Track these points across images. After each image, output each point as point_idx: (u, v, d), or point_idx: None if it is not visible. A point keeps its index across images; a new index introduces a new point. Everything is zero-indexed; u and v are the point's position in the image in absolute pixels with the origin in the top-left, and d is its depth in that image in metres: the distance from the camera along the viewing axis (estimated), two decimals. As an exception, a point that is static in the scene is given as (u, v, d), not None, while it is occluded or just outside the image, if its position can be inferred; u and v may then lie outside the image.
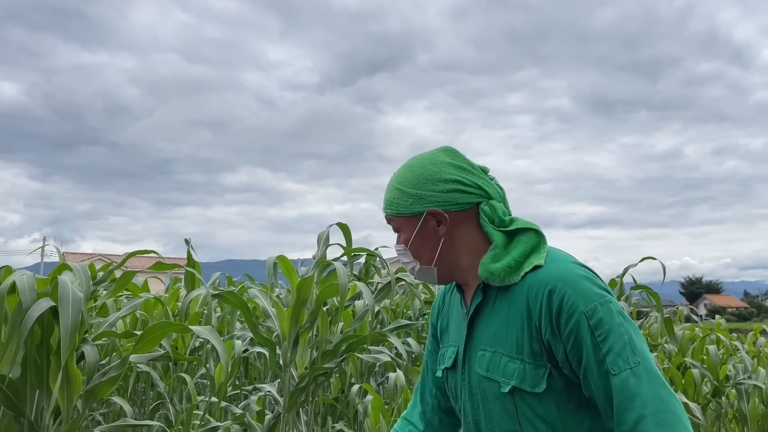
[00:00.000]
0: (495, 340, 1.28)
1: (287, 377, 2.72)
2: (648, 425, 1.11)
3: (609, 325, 1.15)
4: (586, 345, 1.16)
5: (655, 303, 4.28)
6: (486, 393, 1.29)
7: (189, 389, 3.43)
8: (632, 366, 1.13)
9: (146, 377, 3.95)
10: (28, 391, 1.95)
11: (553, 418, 1.23)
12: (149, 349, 2.02)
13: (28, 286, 1.76)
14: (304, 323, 2.70)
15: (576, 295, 1.18)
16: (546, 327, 1.20)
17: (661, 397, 1.13)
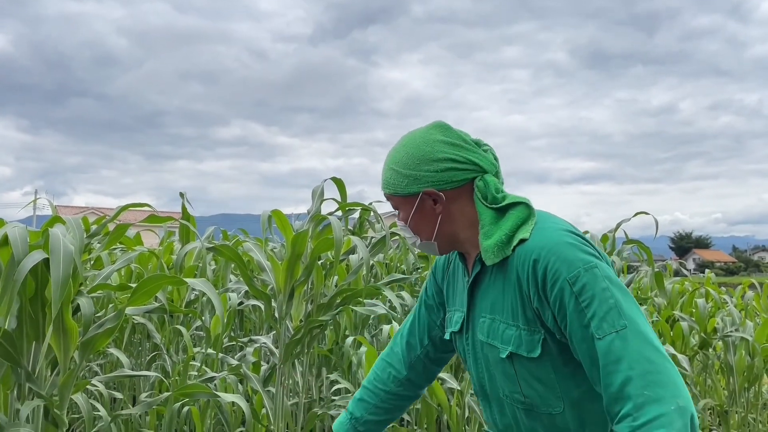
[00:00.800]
0: (493, 308, 1.32)
1: (283, 329, 2.74)
2: (635, 386, 1.11)
3: (593, 291, 1.16)
4: (570, 311, 1.18)
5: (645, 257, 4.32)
6: (488, 357, 1.35)
7: (185, 341, 3.47)
8: (618, 329, 1.14)
9: (142, 329, 3.99)
10: (24, 343, 1.96)
11: (550, 381, 1.27)
12: (144, 302, 2.02)
13: (20, 238, 1.75)
14: (299, 277, 2.71)
15: (559, 263, 1.20)
16: (534, 295, 1.23)
17: (649, 358, 1.13)
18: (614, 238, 3.93)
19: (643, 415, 1.10)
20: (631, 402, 1.11)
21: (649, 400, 1.10)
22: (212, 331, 2.93)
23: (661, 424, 1.09)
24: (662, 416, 1.09)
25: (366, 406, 1.59)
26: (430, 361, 1.59)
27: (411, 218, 1.39)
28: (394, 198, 1.41)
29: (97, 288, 2.13)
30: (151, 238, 6.11)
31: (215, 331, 2.96)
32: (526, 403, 1.31)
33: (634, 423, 1.10)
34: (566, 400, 1.28)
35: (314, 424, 2.99)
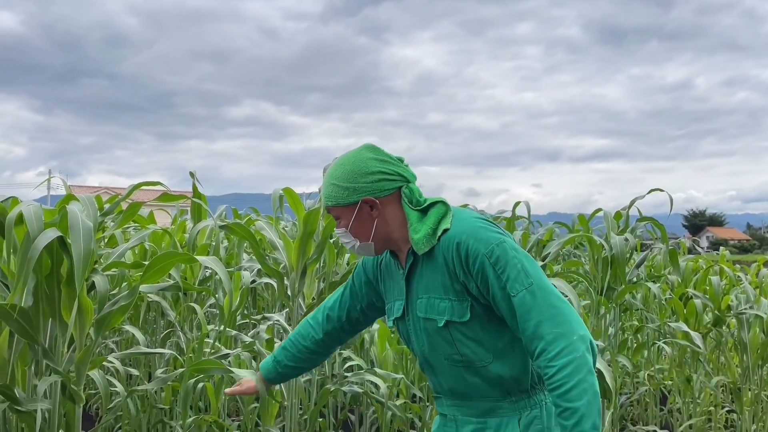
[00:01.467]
0: (427, 288, 1.64)
1: (295, 307, 2.76)
2: (545, 327, 1.47)
3: (505, 260, 1.52)
4: (490, 278, 1.53)
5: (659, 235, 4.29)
6: (428, 330, 1.65)
7: (199, 318, 3.50)
8: (527, 287, 1.50)
9: (156, 307, 4.03)
10: (41, 320, 1.98)
11: (479, 338, 1.60)
12: (158, 279, 2.04)
13: (35, 216, 1.76)
14: (311, 255, 2.72)
15: (477, 243, 1.55)
16: (459, 271, 1.57)
17: (553, 304, 1.49)
18: (627, 216, 3.90)
19: (554, 348, 1.45)
20: (543, 340, 1.47)
21: (557, 336, 1.46)
22: (225, 308, 2.95)
23: (569, 351, 1.44)
24: (569, 345, 1.45)
25: (287, 354, 1.97)
26: (343, 332, 1.94)
27: (351, 225, 1.66)
28: (335, 209, 1.68)
29: (111, 266, 2.15)
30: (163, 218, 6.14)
31: (227, 308, 2.98)
32: (464, 361, 1.62)
33: (548, 356, 1.46)
34: (494, 351, 1.60)
35: (327, 400, 3.02)
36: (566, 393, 1.43)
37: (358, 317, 1.90)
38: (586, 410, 1.42)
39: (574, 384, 1.43)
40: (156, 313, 4.18)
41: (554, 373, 1.45)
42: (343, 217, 1.68)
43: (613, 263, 3.47)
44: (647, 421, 4.67)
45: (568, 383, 1.43)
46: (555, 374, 1.45)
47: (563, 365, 1.44)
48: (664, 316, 4.37)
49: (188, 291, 3.07)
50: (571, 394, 1.43)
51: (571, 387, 1.43)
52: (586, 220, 4.33)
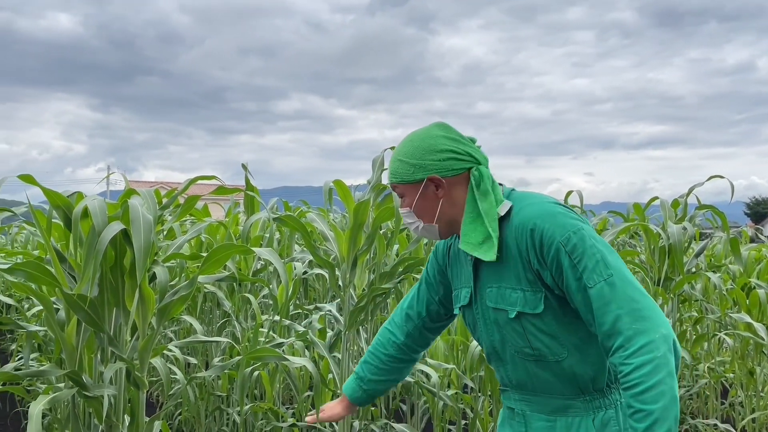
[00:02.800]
0: (498, 277, 1.55)
1: (347, 297, 2.79)
2: (624, 322, 1.37)
3: (582, 248, 1.42)
4: (565, 268, 1.43)
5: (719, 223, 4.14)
6: (498, 321, 1.57)
7: (253, 309, 3.59)
8: (606, 278, 1.40)
9: (212, 297, 4.15)
10: (105, 310, 2.07)
11: (553, 331, 1.50)
12: (215, 270, 2.10)
13: (99, 210, 1.84)
14: (361, 246, 2.74)
15: (553, 228, 1.44)
16: (534, 259, 1.47)
17: (633, 297, 1.38)
18: (686, 204, 3.78)
19: (633, 345, 1.35)
20: (622, 336, 1.37)
21: (637, 332, 1.35)
22: (279, 298, 3.01)
23: (649, 350, 1.34)
24: (649, 343, 1.34)
25: (369, 367, 1.86)
26: (426, 329, 1.84)
27: (416, 203, 1.59)
28: (400, 186, 1.61)
29: (171, 257, 2.22)
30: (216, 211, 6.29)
31: (281, 299, 3.04)
32: (536, 354, 1.53)
33: (625, 353, 1.35)
34: (569, 346, 1.51)
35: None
36: (641, 394, 1.34)
37: (438, 310, 1.80)
38: (660, 415, 1.32)
39: (651, 385, 1.33)
40: (212, 304, 4.31)
41: (630, 371, 1.35)
42: (407, 195, 1.61)
43: (670, 253, 3.38)
44: (707, 415, 4.53)
45: (644, 383, 1.33)
46: (631, 372, 1.35)
47: (641, 364, 1.34)
48: (725, 307, 4.22)
49: (243, 282, 3.15)
50: (646, 395, 1.33)
51: (648, 388, 1.33)
52: (642, 209, 4.22)
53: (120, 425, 2.12)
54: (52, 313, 2.01)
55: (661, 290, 3.39)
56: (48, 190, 2.07)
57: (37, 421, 1.72)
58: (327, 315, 3.22)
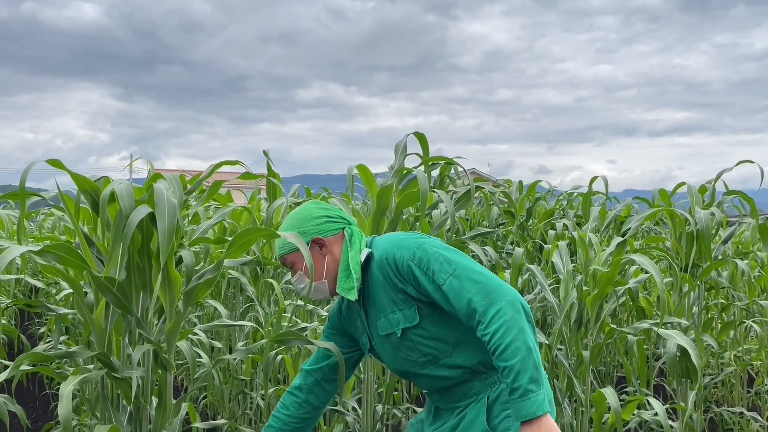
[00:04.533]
0: (381, 308, 1.84)
1: (370, 282, 2.80)
2: (475, 301, 1.64)
3: (426, 257, 1.73)
4: (420, 277, 1.73)
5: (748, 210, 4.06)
6: (392, 344, 1.85)
7: (276, 294, 3.61)
8: (451, 272, 1.68)
9: (236, 283, 4.18)
10: (133, 293, 2.10)
11: (435, 334, 1.78)
12: (241, 254, 2.11)
13: (126, 193, 1.85)
14: (384, 231, 2.74)
15: (401, 252, 1.76)
16: (396, 280, 1.78)
17: (477, 280, 1.66)
18: (713, 190, 3.71)
19: (486, 317, 1.63)
20: (477, 312, 1.65)
21: (487, 306, 1.63)
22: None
23: (499, 316, 1.61)
24: (498, 311, 1.62)
25: (272, 430, 2.05)
26: (326, 381, 2.05)
27: (304, 266, 1.85)
28: (289, 256, 1.90)
29: (197, 242, 2.24)
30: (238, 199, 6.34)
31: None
32: (429, 359, 1.80)
33: (482, 325, 1.63)
34: (452, 342, 1.78)
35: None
36: (501, 353, 1.60)
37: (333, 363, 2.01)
38: (521, 367, 1.58)
39: (506, 344, 1.59)
40: (235, 289, 4.35)
41: (489, 338, 1.62)
42: (296, 261, 1.90)
43: (697, 239, 3.32)
44: (733, 404, 4.48)
45: (501, 344, 1.60)
46: (490, 339, 1.62)
47: (495, 330, 1.61)
48: (753, 294, 4.16)
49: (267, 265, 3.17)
50: (505, 354, 1.60)
51: (505, 347, 1.60)
52: (668, 195, 4.15)
53: (148, 406, 2.16)
54: (81, 296, 2.04)
55: (687, 277, 3.34)
56: (76, 174, 2.09)
57: (67, 400, 1.75)
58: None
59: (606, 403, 2.78)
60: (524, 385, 1.59)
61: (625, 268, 3.89)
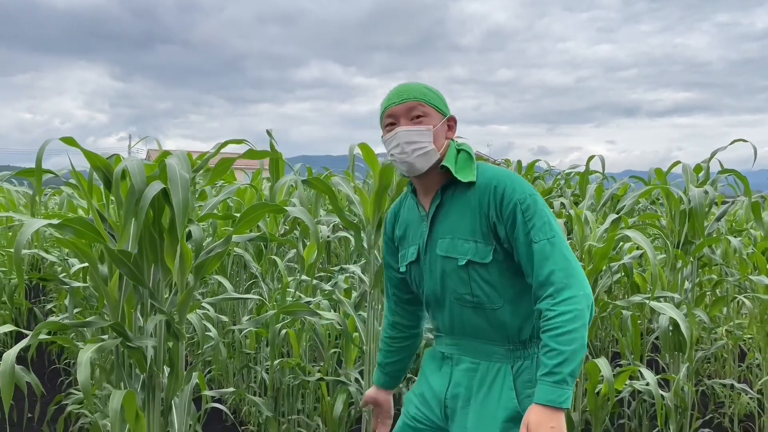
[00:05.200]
0: (452, 229, 1.74)
1: (371, 258, 2.88)
2: (557, 276, 1.60)
3: (534, 210, 1.65)
4: (518, 222, 1.65)
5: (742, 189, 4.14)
6: (445, 269, 1.75)
7: (280, 270, 3.70)
8: (549, 237, 1.63)
9: (240, 261, 4.28)
10: (144, 265, 2.18)
11: (495, 281, 1.71)
12: (247, 229, 2.20)
13: (138, 169, 1.93)
14: (386, 208, 2.82)
15: (513, 188, 1.67)
16: (493, 212, 1.68)
17: (567, 258, 1.62)
18: (707, 168, 3.79)
19: (560, 296, 1.58)
20: (553, 286, 1.60)
21: (566, 286, 1.59)
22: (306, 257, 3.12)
23: (572, 302, 1.58)
24: (573, 297, 1.58)
25: (382, 353, 2.10)
26: (405, 303, 2.02)
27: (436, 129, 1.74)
28: (427, 107, 1.75)
29: (205, 217, 2.32)
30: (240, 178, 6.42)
31: (309, 258, 3.15)
32: (475, 302, 1.73)
33: (553, 301, 1.59)
34: (505, 297, 1.71)
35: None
36: (559, 336, 1.56)
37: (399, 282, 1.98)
38: (570, 356, 1.55)
39: (568, 330, 1.56)
40: (239, 267, 4.44)
41: (554, 316, 1.58)
42: (431, 118, 1.75)
43: (691, 216, 3.41)
44: (725, 377, 4.60)
45: (563, 328, 1.56)
46: (554, 317, 1.58)
47: (564, 311, 1.57)
48: (746, 271, 4.25)
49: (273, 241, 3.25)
50: (562, 338, 1.56)
51: (565, 332, 1.56)
52: (664, 174, 4.23)
53: (160, 374, 2.25)
54: (96, 268, 2.13)
55: (680, 253, 3.43)
56: (89, 152, 2.16)
57: (86, 366, 1.85)
58: (351, 276, 3.32)
59: (599, 374, 2.88)
60: (565, 374, 1.56)
61: (620, 244, 3.99)
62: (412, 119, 1.74)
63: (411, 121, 1.74)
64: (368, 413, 2.79)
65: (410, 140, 1.72)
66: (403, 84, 1.80)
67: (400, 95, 1.76)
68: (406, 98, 1.75)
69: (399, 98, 1.76)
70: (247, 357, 4.00)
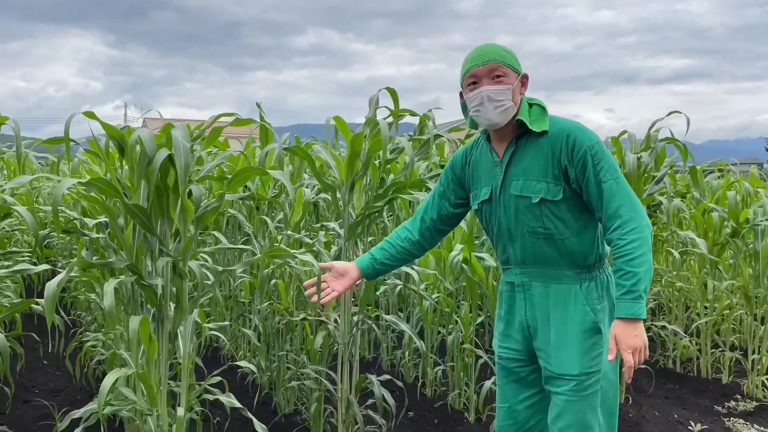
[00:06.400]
0: (526, 172, 2.04)
1: (346, 215, 3.36)
2: (624, 210, 1.91)
3: (601, 155, 1.95)
4: (588, 166, 1.95)
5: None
6: (518, 206, 2.06)
7: (270, 229, 4.19)
8: (615, 178, 1.94)
9: (234, 221, 4.76)
10: (154, 218, 2.66)
11: (564, 216, 2.01)
12: (238, 189, 2.66)
13: (148, 138, 2.38)
14: (357, 171, 3.28)
15: (583, 137, 1.97)
16: (564, 157, 1.97)
17: (630, 195, 1.94)
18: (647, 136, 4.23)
19: (628, 226, 1.89)
20: (621, 218, 1.91)
21: (632, 218, 1.90)
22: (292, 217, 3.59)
23: (639, 231, 1.89)
24: (639, 227, 1.90)
25: (385, 253, 2.40)
26: (435, 231, 2.38)
27: (514, 87, 2.02)
28: (506, 68, 2.03)
29: (203, 179, 2.79)
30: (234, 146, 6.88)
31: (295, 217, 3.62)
32: (546, 234, 2.04)
33: (622, 231, 1.90)
34: (573, 229, 2.02)
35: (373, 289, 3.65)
36: (632, 260, 1.86)
37: (447, 214, 2.32)
38: (643, 275, 1.86)
39: (638, 254, 1.87)
40: (233, 226, 4.93)
41: (625, 244, 1.88)
42: (508, 77, 2.02)
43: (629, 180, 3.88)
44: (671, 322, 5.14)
45: (634, 253, 1.87)
46: (626, 245, 1.88)
47: (633, 239, 1.88)
48: (689, 229, 4.76)
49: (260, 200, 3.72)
50: (635, 261, 1.86)
51: (636, 256, 1.86)
52: (619, 142, 4.69)
53: (168, 308, 2.75)
54: (115, 220, 2.61)
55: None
56: (106, 124, 2.62)
57: (110, 294, 2.33)
58: (331, 232, 3.80)
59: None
60: (640, 291, 1.85)
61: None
62: (493, 78, 2.01)
63: (492, 80, 2.01)
64: (344, 347, 3.30)
65: (492, 98, 2.00)
66: (483, 46, 2.07)
67: (481, 57, 2.02)
68: (488, 60, 2.00)
69: (481, 60, 2.01)
70: (242, 306, 4.51)
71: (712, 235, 4.43)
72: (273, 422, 3.81)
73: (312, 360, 3.63)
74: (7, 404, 3.91)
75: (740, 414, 4.02)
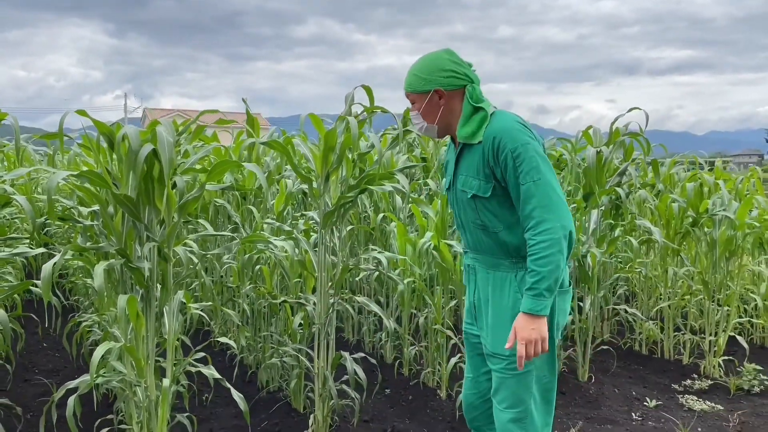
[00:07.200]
0: (467, 168, 2.21)
1: (322, 203, 3.62)
2: (537, 211, 2.02)
3: (523, 157, 2.05)
4: (509, 168, 2.08)
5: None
6: (462, 199, 2.24)
7: (256, 219, 4.45)
8: (534, 180, 2.03)
9: (223, 211, 5.02)
10: (141, 206, 2.92)
11: (495, 211, 2.16)
12: (218, 179, 2.91)
13: (134, 135, 2.63)
14: (332, 164, 3.54)
15: (507, 140, 2.08)
16: (491, 158, 2.11)
17: (549, 197, 2.03)
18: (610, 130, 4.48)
19: (539, 227, 2.02)
20: (533, 220, 2.03)
21: (544, 220, 2.01)
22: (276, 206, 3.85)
23: (549, 232, 2.00)
24: (550, 228, 2.00)
25: None
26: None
27: (422, 108, 2.21)
28: (412, 95, 2.23)
29: (187, 171, 3.05)
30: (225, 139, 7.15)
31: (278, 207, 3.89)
32: (482, 225, 2.21)
33: (533, 231, 2.03)
34: (504, 223, 2.17)
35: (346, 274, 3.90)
36: (537, 259, 2.00)
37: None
38: (546, 275, 1.98)
39: (545, 255, 1.99)
40: (222, 216, 5.19)
41: (534, 244, 2.02)
42: (417, 101, 2.21)
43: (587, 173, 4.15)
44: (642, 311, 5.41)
45: (541, 253, 1.99)
46: (534, 245, 2.01)
47: (542, 240, 2.00)
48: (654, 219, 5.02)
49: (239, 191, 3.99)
50: (540, 261, 1.99)
51: (543, 256, 1.99)
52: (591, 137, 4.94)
53: (154, 289, 3.01)
54: (105, 208, 2.87)
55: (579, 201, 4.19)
56: (97, 121, 2.87)
57: (100, 274, 2.59)
58: (310, 219, 4.06)
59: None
60: (541, 289, 1.98)
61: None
62: (412, 105, 2.26)
63: (412, 106, 2.26)
64: (320, 326, 3.57)
65: (414, 122, 2.30)
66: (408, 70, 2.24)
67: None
68: (405, 92, 2.27)
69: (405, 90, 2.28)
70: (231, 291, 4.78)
71: (674, 225, 4.69)
72: (257, 397, 4.09)
73: (293, 339, 3.90)
74: (8, 381, 4.19)
75: (695, 392, 4.29)
